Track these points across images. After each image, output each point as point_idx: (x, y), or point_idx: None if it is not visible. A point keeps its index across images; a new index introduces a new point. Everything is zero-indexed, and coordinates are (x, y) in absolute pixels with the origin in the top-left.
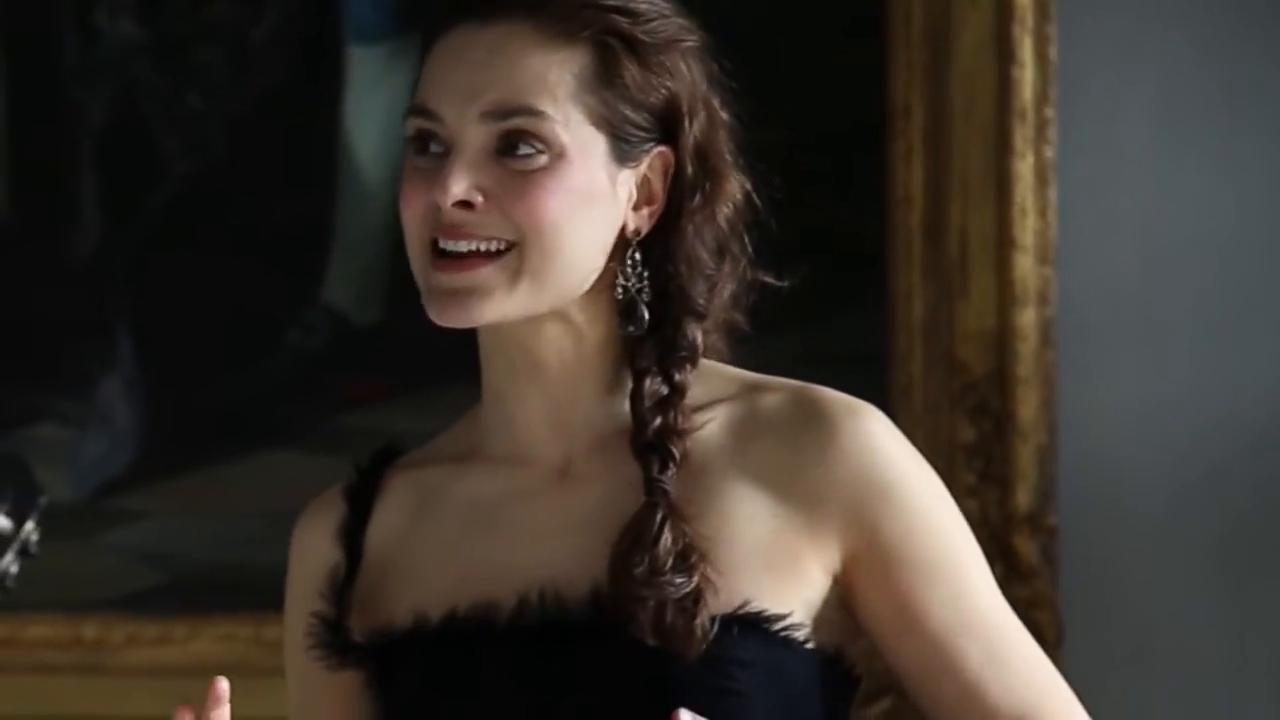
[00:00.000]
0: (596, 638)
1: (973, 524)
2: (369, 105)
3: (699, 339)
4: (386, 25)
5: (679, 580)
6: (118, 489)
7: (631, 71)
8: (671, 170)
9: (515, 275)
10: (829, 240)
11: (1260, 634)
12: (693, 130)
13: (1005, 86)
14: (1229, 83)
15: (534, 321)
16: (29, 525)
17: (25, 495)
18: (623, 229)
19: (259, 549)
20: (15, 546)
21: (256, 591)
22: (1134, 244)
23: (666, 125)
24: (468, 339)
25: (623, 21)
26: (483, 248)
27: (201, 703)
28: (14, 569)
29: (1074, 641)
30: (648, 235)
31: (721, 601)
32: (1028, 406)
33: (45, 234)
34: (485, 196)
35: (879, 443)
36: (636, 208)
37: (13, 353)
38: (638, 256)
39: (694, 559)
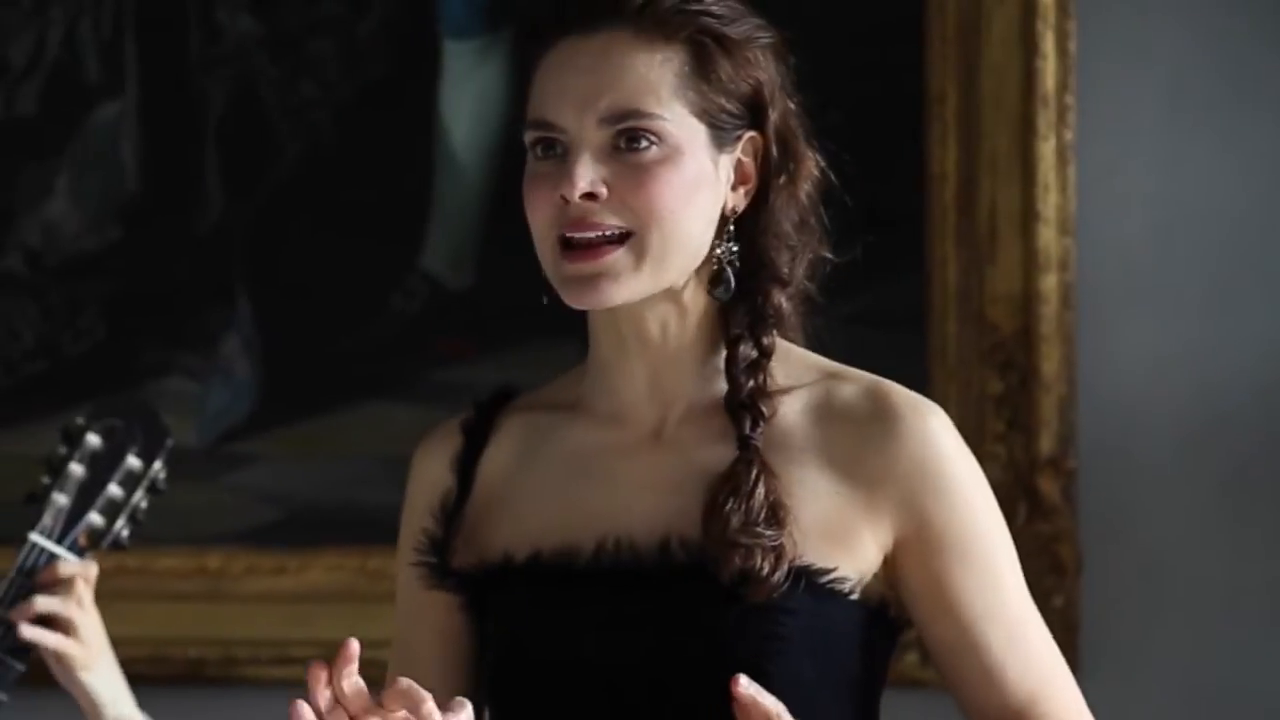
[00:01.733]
0: (663, 584)
1: (1000, 467)
2: (461, 94)
3: (784, 305)
4: (478, 23)
5: (769, 532)
6: (238, 435)
7: (724, 66)
8: (760, 152)
9: (639, 259)
10: (874, 214)
11: (1256, 563)
12: (775, 116)
13: (1029, 76)
14: (1231, 71)
15: (647, 300)
16: (157, 465)
17: (154, 438)
18: (724, 207)
19: (363, 489)
20: (145, 484)
21: (362, 526)
22: (1145, 216)
23: (754, 112)
24: (541, 305)
25: (711, 22)
26: (608, 233)
27: (316, 625)
28: (144, 504)
29: (1091, 571)
30: (745, 212)
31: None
32: (1050, 362)
33: (173, 209)
34: (608, 188)
35: (938, 439)
36: (734, 188)
37: (145, 315)
38: (732, 229)
39: (782, 514)
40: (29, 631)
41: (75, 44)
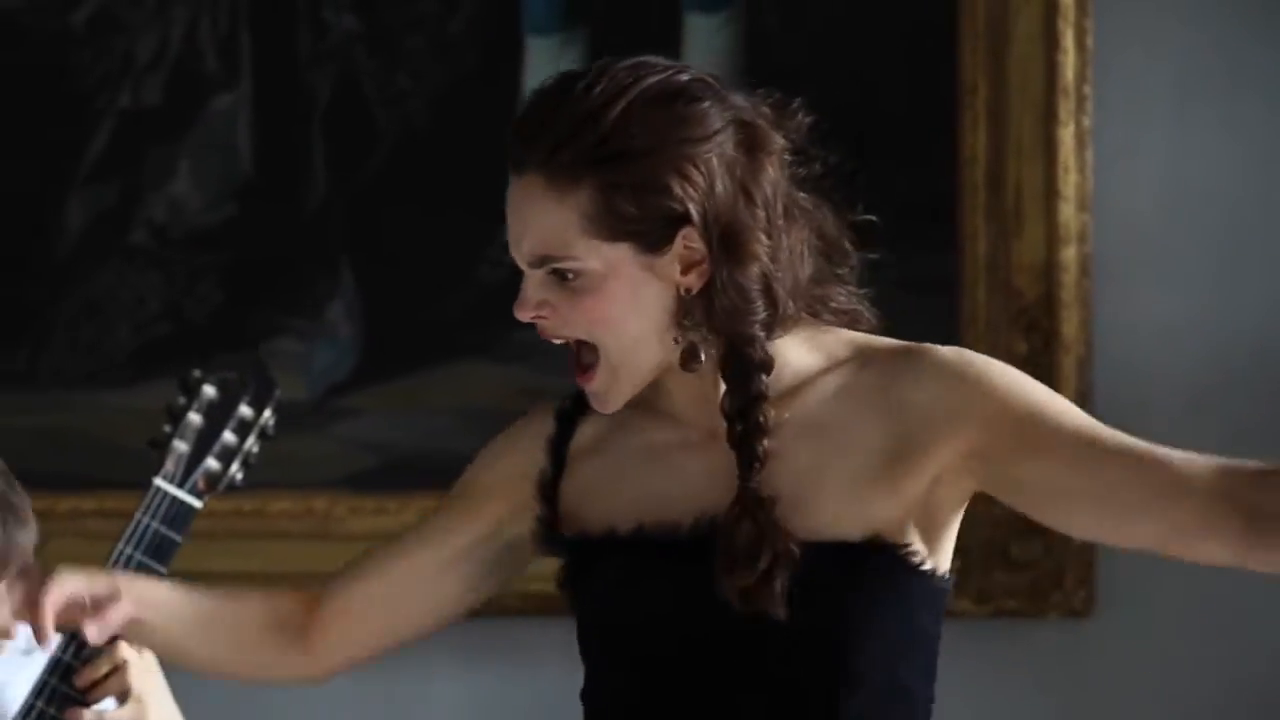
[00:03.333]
0: None
1: None
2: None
3: (763, 355)
4: (558, 20)
5: (774, 583)
6: (341, 391)
7: (629, 201)
8: (704, 237)
9: (615, 371)
10: (912, 193)
11: None
12: (706, 214)
13: (1051, 69)
14: (1234, 65)
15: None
16: (267, 413)
17: (264, 388)
18: (678, 290)
19: (454, 438)
20: (257, 431)
21: (451, 472)
22: (1156, 194)
23: (682, 217)
24: None
25: (614, 165)
26: (572, 345)
27: None
28: (256, 449)
29: None
30: (706, 285)
31: (847, 524)
32: (1070, 325)
33: (283, 189)
34: (552, 308)
35: (967, 355)
36: (685, 272)
37: (258, 283)
38: (689, 318)
39: (764, 546)
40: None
41: (195, 40)
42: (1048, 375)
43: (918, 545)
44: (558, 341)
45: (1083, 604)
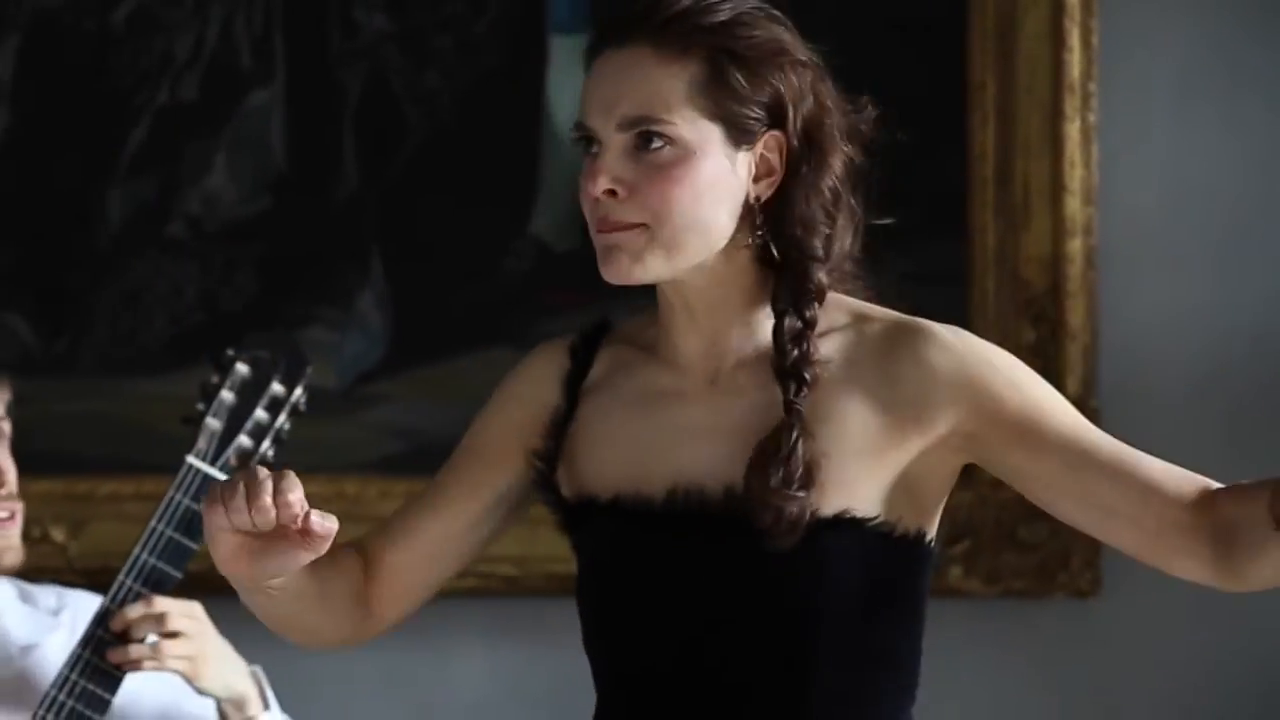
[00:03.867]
0: (724, 529)
1: None
2: (566, 82)
3: (823, 280)
4: (581, 19)
5: (801, 494)
6: (371, 378)
7: (736, 77)
8: (784, 149)
9: (650, 243)
10: (923, 187)
11: None
12: (797, 118)
13: (1058, 67)
14: (1232, 65)
15: (683, 279)
16: (298, 390)
17: (295, 366)
18: (748, 196)
19: None
20: (288, 408)
21: None
22: (1158, 189)
23: (775, 114)
24: None
25: (726, 39)
26: (628, 221)
27: None
28: (287, 426)
29: None
30: (772, 199)
31: (827, 503)
32: (1075, 315)
33: (315, 183)
34: (627, 187)
35: (967, 338)
36: (757, 179)
37: (291, 273)
38: (759, 219)
39: (815, 473)
40: (136, 655)
41: (231, 39)
42: (1054, 363)
43: (890, 514)
44: (605, 233)
45: (1088, 585)
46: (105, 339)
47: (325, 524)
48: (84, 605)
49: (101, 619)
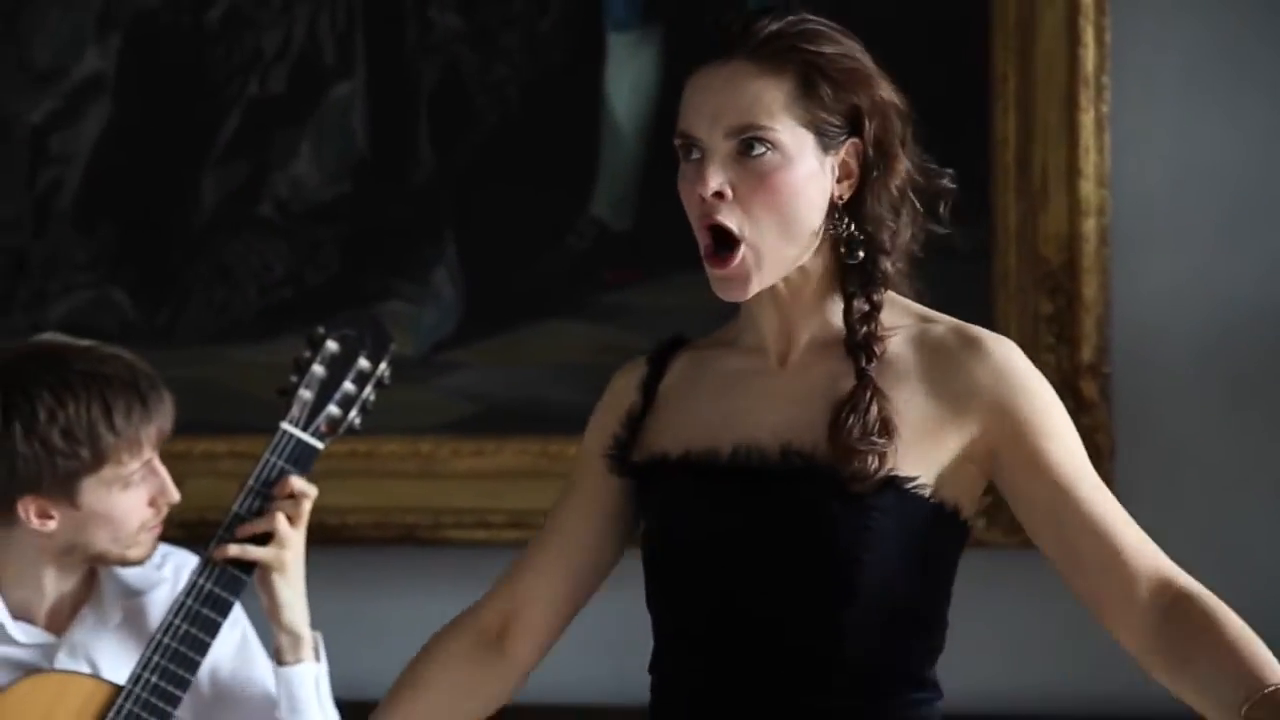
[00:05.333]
0: (781, 481)
1: (1050, 372)
2: (622, 75)
3: (889, 269)
4: (636, 18)
5: (880, 440)
6: (445, 347)
7: (825, 90)
8: (860, 155)
9: (758, 263)
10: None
11: (1258, 448)
12: (870, 127)
13: (1073, 62)
14: (1234, 59)
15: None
16: (383, 365)
17: (380, 343)
18: (832, 196)
19: (545, 389)
20: (373, 381)
21: (543, 420)
22: (1166, 173)
23: (853, 124)
24: (688, 243)
25: (817, 57)
26: (733, 229)
27: (506, 497)
28: (372, 398)
29: (1122, 456)
30: (850, 199)
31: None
32: (1090, 288)
33: (393, 167)
34: (733, 189)
35: (1016, 359)
36: (839, 180)
37: (371, 251)
38: (844, 218)
39: (891, 427)
40: (234, 549)
41: (316, 36)
42: (1070, 332)
43: (934, 482)
44: (719, 226)
45: None
46: (201, 311)
47: None
48: (185, 562)
49: (204, 567)
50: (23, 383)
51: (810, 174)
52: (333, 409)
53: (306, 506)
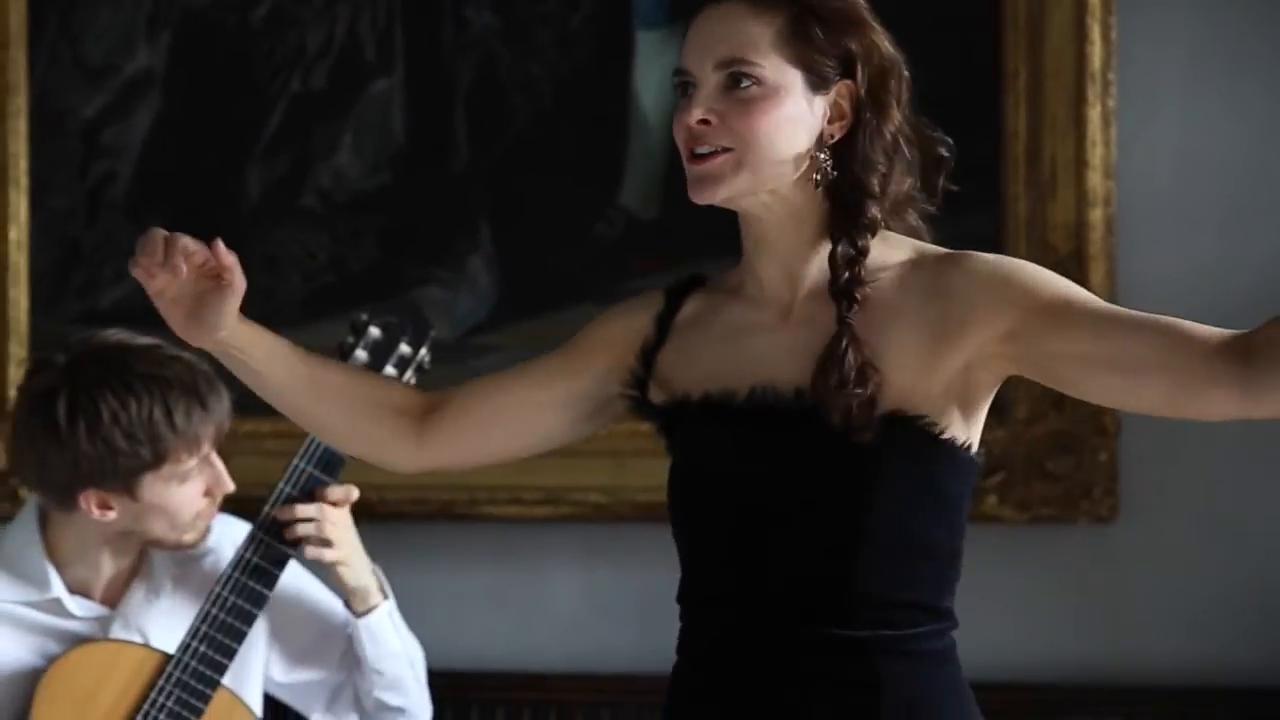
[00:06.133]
0: (795, 421)
1: None
2: (650, 71)
3: (876, 215)
4: (663, 16)
5: (858, 390)
6: (480, 330)
7: (816, 31)
8: (853, 97)
9: (737, 166)
10: (962, 162)
11: (1256, 429)
12: (865, 72)
13: (1081, 58)
14: (1236, 54)
15: (761, 207)
16: (423, 351)
17: (420, 330)
18: (821, 136)
19: None
20: (414, 366)
21: None
22: (1170, 164)
23: (846, 66)
24: (712, 231)
25: (827, 9)
26: (716, 149)
27: (539, 474)
28: (413, 381)
29: (1128, 433)
30: (841, 141)
31: (880, 404)
32: (1097, 275)
33: (431, 159)
34: (718, 117)
35: (994, 259)
36: (830, 121)
37: (409, 239)
38: (825, 154)
39: (869, 373)
40: (305, 551)
41: (356, 34)
42: None
43: (938, 418)
44: (703, 150)
45: (1108, 511)
46: (246, 297)
47: (227, 253)
48: (232, 530)
49: (251, 541)
50: (87, 383)
51: (796, 111)
52: None
53: (344, 514)
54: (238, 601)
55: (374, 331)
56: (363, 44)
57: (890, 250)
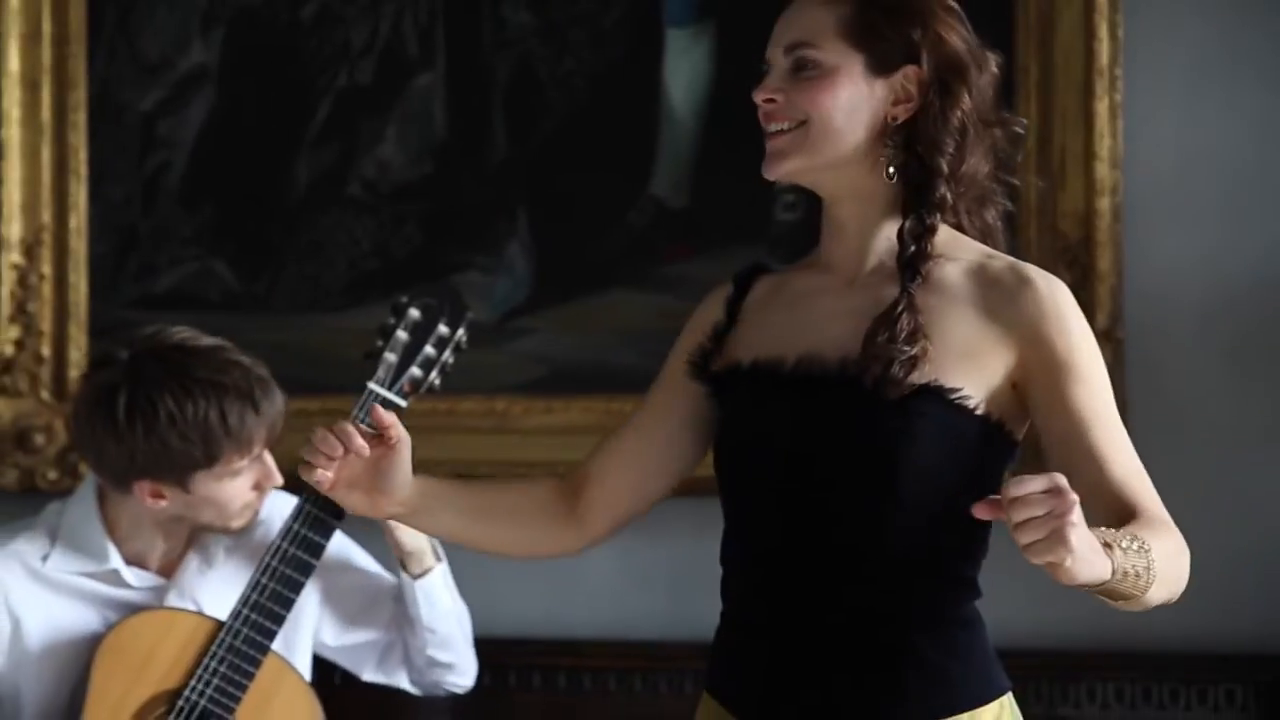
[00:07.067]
0: (835, 390)
1: None
2: (679, 67)
3: (945, 193)
4: (692, 15)
5: (906, 347)
6: (518, 314)
7: (878, 17)
8: (920, 82)
9: (803, 140)
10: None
11: (1256, 406)
12: (930, 59)
13: (1090, 54)
14: (1237, 51)
15: (831, 185)
16: (460, 331)
17: (458, 312)
18: (886, 117)
19: (609, 353)
20: (452, 346)
21: (607, 380)
22: (1174, 155)
23: (911, 52)
24: (738, 220)
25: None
26: (784, 126)
27: (573, 450)
28: (451, 361)
29: (1134, 412)
30: (908, 123)
31: (920, 375)
32: (1104, 260)
33: (471, 149)
34: (784, 96)
35: (1062, 299)
36: (895, 104)
37: (450, 227)
38: (894, 138)
39: (919, 336)
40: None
41: (400, 31)
42: (1086, 301)
43: (976, 394)
44: (773, 127)
45: None
46: (295, 281)
47: (383, 413)
48: (280, 503)
49: (299, 513)
50: (146, 383)
51: (855, 91)
52: (415, 370)
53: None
54: (287, 571)
55: (414, 313)
56: (406, 41)
57: (960, 248)
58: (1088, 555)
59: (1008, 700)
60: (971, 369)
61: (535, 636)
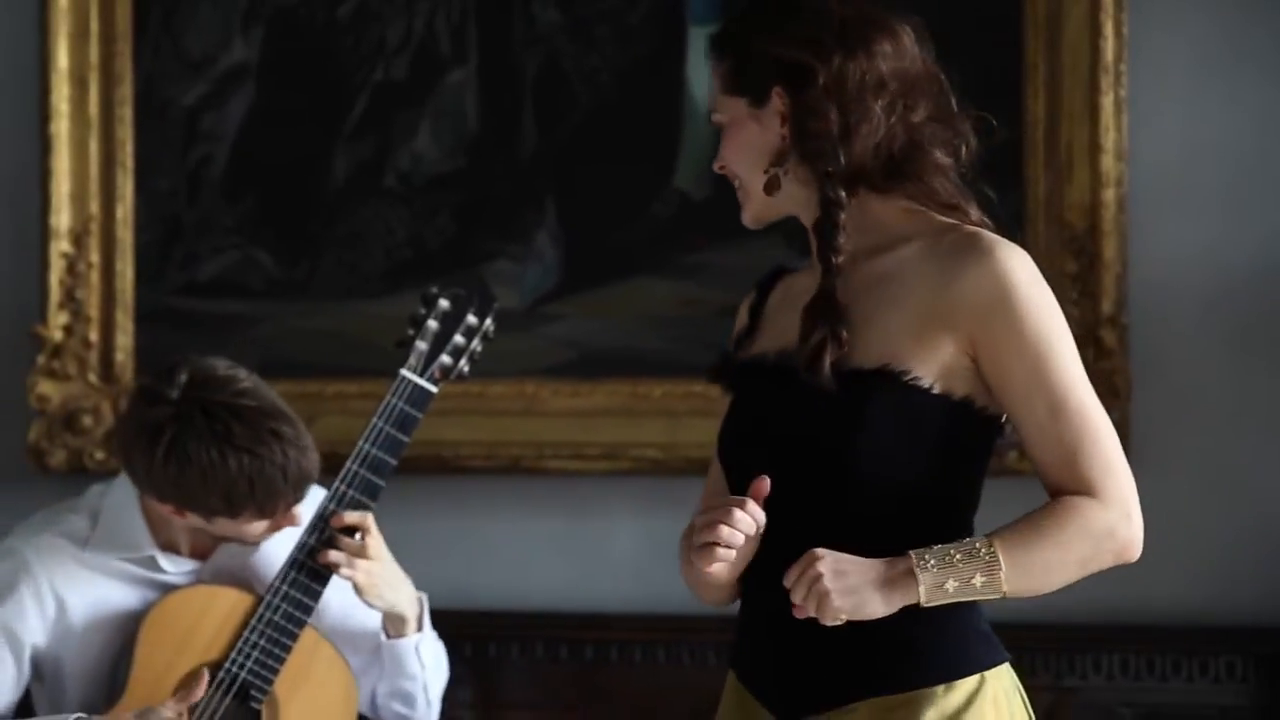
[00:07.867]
0: (795, 378)
1: (1075, 324)
2: (702, 64)
3: (833, 193)
4: (714, 13)
5: (828, 332)
6: (546, 301)
7: (736, 60)
8: (783, 95)
9: (743, 194)
10: (986, 147)
11: (1256, 391)
12: (778, 71)
13: (1095, 51)
14: (1238, 48)
15: (791, 211)
16: (489, 321)
17: (486, 302)
18: (782, 138)
19: (634, 338)
20: (480, 335)
21: (632, 364)
22: (1177, 148)
23: (767, 75)
24: None
25: (728, 35)
26: (736, 184)
27: (599, 432)
28: (479, 349)
29: (1137, 395)
30: (792, 135)
31: (871, 358)
32: (1109, 250)
33: (502, 142)
34: (720, 160)
35: (1015, 269)
36: (783, 123)
37: (482, 217)
38: (795, 150)
39: (838, 322)
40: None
41: (433, 29)
42: (1092, 288)
43: (928, 374)
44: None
45: None
46: (333, 270)
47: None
48: (311, 495)
49: (334, 495)
50: (188, 435)
51: (745, 131)
52: (445, 358)
53: (370, 543)
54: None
55: (443, 303)
56: (439, 38)
57: (920, 227)
58: (864, 605)
59: (994, 674)
60: (923, 349)
61: (563, 610)
